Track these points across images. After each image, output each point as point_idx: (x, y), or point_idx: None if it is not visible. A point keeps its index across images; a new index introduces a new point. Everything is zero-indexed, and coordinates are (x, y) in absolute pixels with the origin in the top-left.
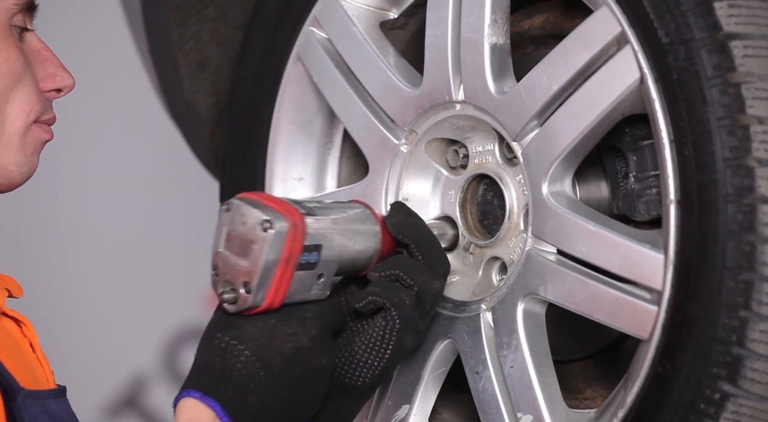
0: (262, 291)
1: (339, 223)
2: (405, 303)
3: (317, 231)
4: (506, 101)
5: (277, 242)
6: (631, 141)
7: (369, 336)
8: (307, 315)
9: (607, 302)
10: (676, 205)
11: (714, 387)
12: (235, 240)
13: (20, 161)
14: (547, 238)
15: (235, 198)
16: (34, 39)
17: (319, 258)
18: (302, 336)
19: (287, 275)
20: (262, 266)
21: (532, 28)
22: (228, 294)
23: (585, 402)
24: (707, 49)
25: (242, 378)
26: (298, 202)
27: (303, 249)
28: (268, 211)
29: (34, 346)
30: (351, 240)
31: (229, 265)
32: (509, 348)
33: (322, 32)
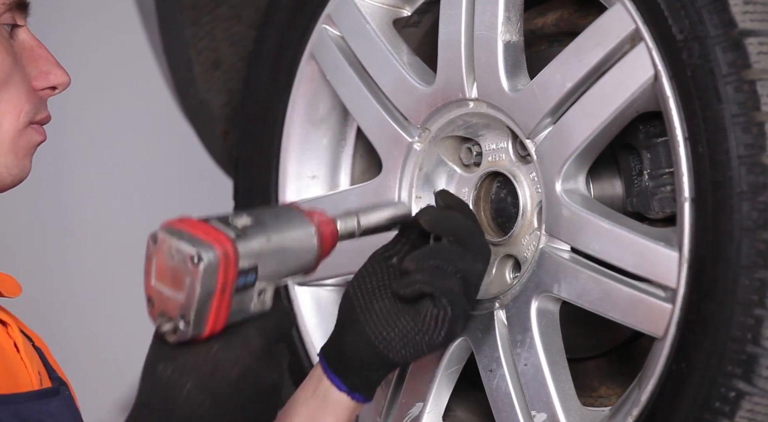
0: (201, 322)
1: (272, 238)
2: (453, 292)
3: (251, 254)
4: (520, 99)
5: (210, 274)
6: (645, 138)
7: (422, 321)
8: (250, 335)
9: (621, 300)
10: (690, 202)
11: (729, 385)
12: (166, 272)
13: (10, 164)
14: (561, 236)
15: (160, 228)
16: (27, 36)
17: (257, 277)
18: (248, 358)
19: (225, 302)
20: (198, 299)
21: (546, 26)
22: (166, 325)
23: (599, 400)
24: (722, 46)
25: (186, 410)
26: (226, 222)
27: (238, 274)
28: (196, 243)
29: (19, 347)
30: (288, 251)
31: (164, 298)
32: (523, 346)
33: (336, 30)
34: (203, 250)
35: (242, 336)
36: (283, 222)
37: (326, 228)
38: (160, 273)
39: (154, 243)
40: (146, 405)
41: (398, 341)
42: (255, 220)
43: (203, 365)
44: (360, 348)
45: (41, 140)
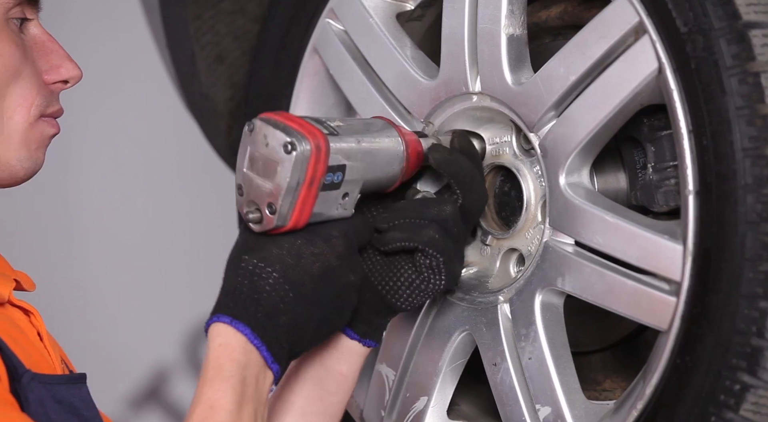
0: (286, 213)
1: (363, 142)
2: (435, 239)
3: (341, 152)
4: (523, 92)
5: (301, 164)
6: (649, 131)
7: (420, 271)
8: (332, 234)
9: (626, 293)
10: (694, 195)
11: (734, 378)
12: (258, 161)
13: (23, 157)
14: (565, 230)
15: (257, 118)
16: (38, 30)
17: (344, 178)
18: (329, 255)
19: (311, 196)
20: (286, 188)
21: (550, 19)
22: (253, 214)
23: (604, 393)
24: (726, 38)
25: (271, 300)
26: (321, 121)
27: (327, 170)
28: (290, 133)
29: (42, 335)
30: (375, 158)
31: (254, 186)
32: (527, 340)
33: (339, 24)
34: (297, 139)
35: (324, 235)
36: (374, 131)
37: (413, 144)
38: (252, 160)
39: (250, 131)
40: (233, 292)
41: (404, 289)
42: (348, 124)
43: (287, 257)
44: (368, 298)
45: (54, 132)
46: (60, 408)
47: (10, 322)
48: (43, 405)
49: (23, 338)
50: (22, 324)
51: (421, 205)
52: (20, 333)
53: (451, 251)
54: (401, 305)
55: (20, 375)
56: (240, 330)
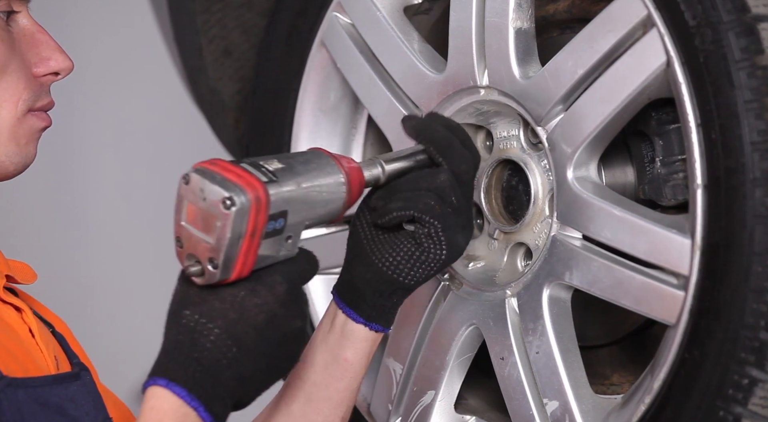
0: (229, 266)
1: (303, 184)
2: (432, 207)
3: (281, 198)
4: (531, 86)
5: (241, 218)
6: (658, 125)
7: (420, 242)
8: (276, 280)
9: (634, 287)
10: (703, 189)
11: (742, 372)
12: (196, 215)
13: (11, 152)
14: (573, 224)
15: (192, 169)
16: (27, 22)
17: (286, 224)
18: (273, 304)
19: (254, 246)
20: (228, 243)
21: (558, 12)
22: (194, 267)
23: (611, 387)
24: (735, 31)
25: (213, 357)
26: (258, 166)
27: (268, 219)
28: (228, 186)
29: (34, 332)
30: (317, 198)
31: (193, 240)
32: (535, 334)
33: (346, 17)
34: (235, 194)
35: (268, 283)
36: (313, 169)
37: (355, 176)
38: (190, 214)
39: (186, 183)
40: (173, 351)
41: (405, 263)
42: (286, 165)
43: (229, 311)
44: (369, 277)
45: (44, 126)
46: (43, 411)
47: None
48: (19, 411)
49: (10, 338)
50: (13, 322)
51: (415, 178)
52: (8, 333)
53: (450, 219)
54: (404, 280)
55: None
56: (176, 393)
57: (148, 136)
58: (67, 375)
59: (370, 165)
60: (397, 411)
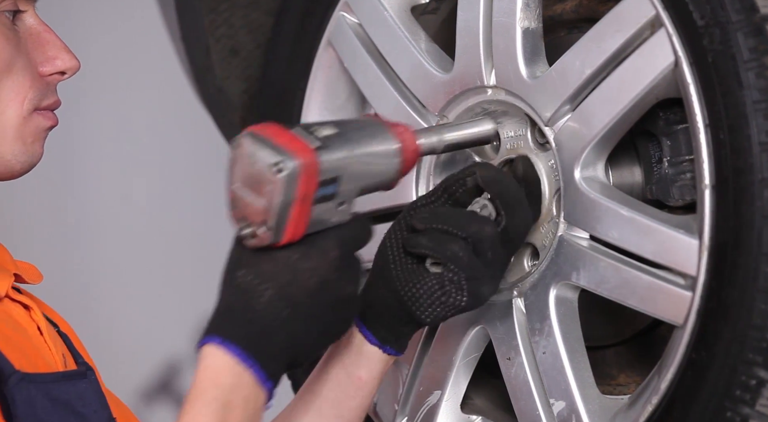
0: (280, 229)
1: (355, 151)
2: (458, 256)
3: (332, 165)
4: (538, 86)
5: (291, 183)
6: (665, 125)
7: (443, 283)
8: (329, 245)
9: (641, 288)
10: (711, 189)
11: (750, 373)
12: (247, 178)
13: (17, 151)
14: (580, 224)
15: (244, 133)
16: (34, 21)
17: (338, 189)
18: (325, 269)
19: (305, 211)
20: (278, 207)
21: (565, 12)
22: (246, 230)
23: (618, 388)
24: (743, 31)
25: (266, 317)
26: (311, 131)
27: (319, 185)
28: (278, 151)
29: (42, 330)
30: (369, 165)
31: (245, 203)
32: (541, 334)
33: (353, 17)
34: (285, 159)
35: (320, 247)
36: (366, 136)
37: (409, 145)
38: (242, 177)
39: (237, 147)
40: (228, 311)
41: (425, 299)
42: (338, 131)
43: (282, 273)
44: (389, 302)
45: (50, 125)
46: (54, 407)
47: (6, 318)
48: (32, 405)
49: (20, 335)
50: (22, 320)
51: (462, 217)
52: (17, 330)
53: (479, 271)
54: (421, 316)
55: (7, 377)
56: (230, 351)
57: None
58: (76, 372)
59: (427, 134)
60: (404, 410)
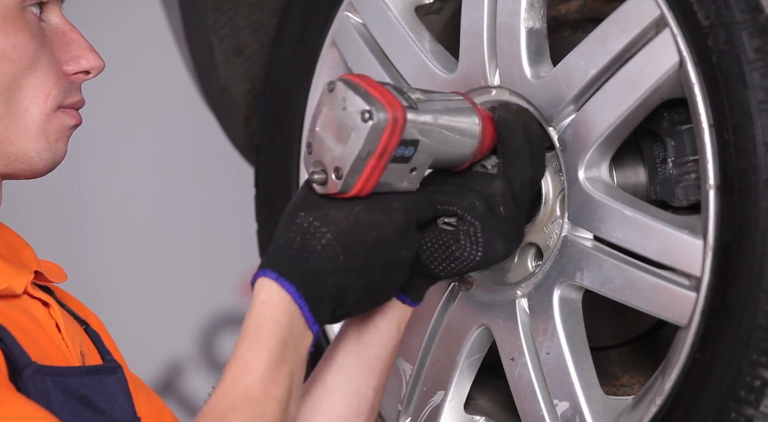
0: (352, 179)
1: (440, 120)
2: (475, 205)
3: (416, 127)
4: (542, 86)
5: (375, 134)
6: (670, 126)
7: (459, 235)
8: (393, 206)
9: (645, 288)
10: (715, 190)
11: (754, 374)
12: (332, 123)
13: (41, 148)
14: (584, 224)
15: (339, 78)
16: (60, 20)
17: (415, 153)
18: (386, 227)
19: (380, 166)
20: (356, 156)
21: (570, 12)
22: (318, 175)
23: (622, 389)
24: (748, 31)
25: (321, 260)
26: (402, 91)
27: (400, 143)
28: (370, 100)
29: (60, 327)
30: (449, 138)
31: (324, 147)
32: (545, 335)
33: (357, 17)
34: (375, 108)
35: (385, 206)
36: (452, 108)
37: (489, 128)
38: (326, 121)
39: (329, 91)
40: (284, 247)
41: (440, 254)
42: (427, 98)
43: (344, 221)
44: None
45: (74, 124)
46: (68, 400)
47: (25, 314)
48: (46, 397)
49: (38, 330)
50: (40, 316)
51: (470, 176)
52: (36, 326)
53: (492, 224)
54: (435, 270)
55: (21, 368)
56: (285, 288)
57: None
58: (101, 367)
59: None
60: (407, 411)
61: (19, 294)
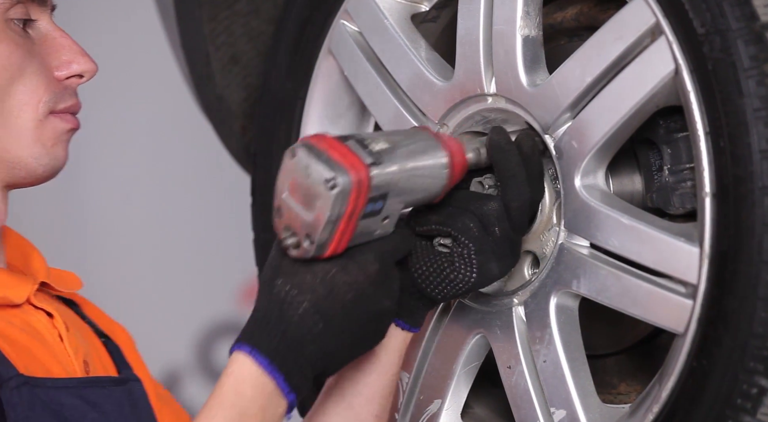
0: (323, 243)
1: (406, 166)
2: (469, 227)
3: (383, 181)
4: (538, 94)
5: (341, 200)
6: (666, 133)
7: (454, 258)
8: (368, 259)
9: (641, 296)
10: (711, 197)
11: (751, 381)
12: (299, 189)
13: (38, 154)
14: (580, 232)
15: (300, 144)
16: (49, 27)
17: (384, 205)
18: (363, 283)
19: (351, 226)
20: (326, 221)
21: (565, 20)
22: (290, 239)
23: (619, 397)
24: (744, 39)
25: (299, 330)
26: (364, 144)
27: (368, 201)
28: (332, 166)
29: (63, 337)
30: (418, 180)
31: (293, 213)
32: (542, 343)
33: (354, 25)
34: (339, 175)
35: (360, 261)
36: (418, 151)
37: (458, 159)
38: (293, 187)
39: (292, 157)
40: (262, 320)
41: (435, 277)
42: (391, 145)
43: (320, 286)
44: (402, 280)
45: (71, 128)
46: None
47: (22, 324)
48: (32, 408)
49: (34, 341)
50: (42, 327)
51: (465, 195)
52: (31, 336)
53: (487, 245)
54: (431, 293)
55: (5, 380)
56: (258, 362)
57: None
58: (99, 379)
59: (475, 146)
60: (404, 419)
61: (20, 304)
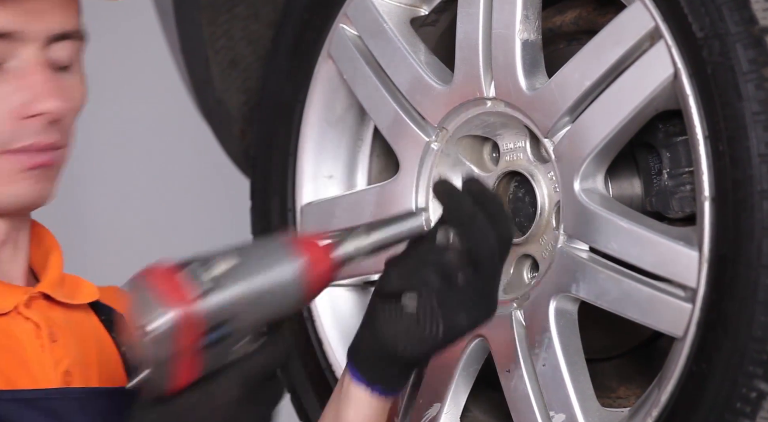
0: (165, 381)
1: (250, 287)
2: (429, 281)
3: (220, 309)
4: (538, 98)
5: (162, 342)
6: (665, 137)
7: (419, 314)
8: (230, 384)
9: (641, 300)
10: (710, 201)
11: (750, 385)
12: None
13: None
14: (580, 236)
15: (129, 280)
16: (28, 61)
17: (232, 329)
18: (227, 408)
19: (194, 359)
20: (156, 362)
21: (565, 24)
22: (135, 379)
23: (618, 401)
24: (743, 43)
25: None
26: (206, 267)
27: (206, 332)
28: (149, 309)
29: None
30: (267, 296)
31: (137, 351)
32: (541, 347)
33: (353, 29)
34: (154, 317)
35: (221, 386)
36: (264, 266)
37: (316, 264)
38: (131, 325)
39: (125, 293)
40: None
41: (403, 336)
42: (232, 267)
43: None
44: (372, 342)
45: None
46: None
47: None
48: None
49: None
50: (25, 337)
51: (425, 250)
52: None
53: (451, 298)
54: (401, 353)
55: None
56: None
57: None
58: (71, 390)
59: (345, 243)
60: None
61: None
